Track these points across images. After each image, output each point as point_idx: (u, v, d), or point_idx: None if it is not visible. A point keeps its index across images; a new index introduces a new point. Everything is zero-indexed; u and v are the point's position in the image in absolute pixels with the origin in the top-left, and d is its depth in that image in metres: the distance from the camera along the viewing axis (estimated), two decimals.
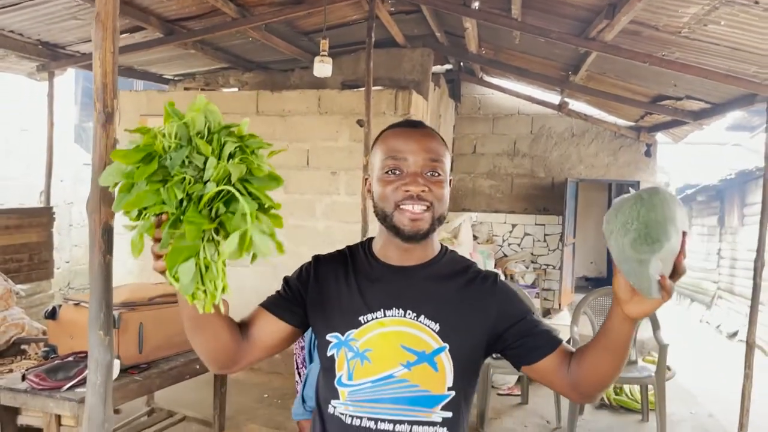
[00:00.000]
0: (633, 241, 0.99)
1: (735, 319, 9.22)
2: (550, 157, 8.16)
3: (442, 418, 1.23)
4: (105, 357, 1.69)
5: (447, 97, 7.79)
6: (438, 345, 1.23)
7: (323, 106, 5.70)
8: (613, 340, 1.13)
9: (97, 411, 1.67)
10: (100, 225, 1.65)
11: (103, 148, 1.64)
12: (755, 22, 3.31)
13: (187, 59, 6.16)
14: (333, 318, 1.27)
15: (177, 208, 0.95)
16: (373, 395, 1.22)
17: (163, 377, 3.12)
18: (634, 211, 1.01)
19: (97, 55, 1.65)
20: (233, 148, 0.99)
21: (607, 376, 1.19)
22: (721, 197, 10.74)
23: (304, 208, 5.78)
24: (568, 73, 6.12)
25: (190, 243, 0.94)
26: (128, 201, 0.96)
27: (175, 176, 0.96)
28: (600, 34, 4.20)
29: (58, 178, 6.32)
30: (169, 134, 0.97)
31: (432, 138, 1.28)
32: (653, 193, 1.02)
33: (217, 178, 0.96)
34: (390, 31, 5.54)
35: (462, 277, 1.32)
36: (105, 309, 1.68)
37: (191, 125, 0.98)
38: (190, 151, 0.97)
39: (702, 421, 5.01)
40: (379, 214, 1.27)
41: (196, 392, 4.42)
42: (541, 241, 8.24)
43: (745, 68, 4.13)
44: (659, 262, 0.98)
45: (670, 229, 0.99)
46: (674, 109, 6.02)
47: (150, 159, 0.96)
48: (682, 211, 1.03)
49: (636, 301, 1.04)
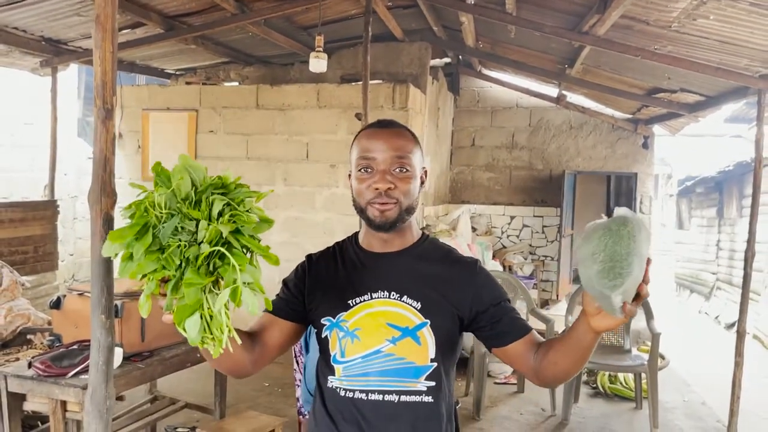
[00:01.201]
0: (599, 272, 1.06)
1: (733, 310, 9.28)
2: (548, 149, 8.22)
3: (427, 387, 1.35)
4: (107, 339, 1.79)
5: (446, 91, 7.85)
6: (420, 321, 1.35)
7: (322, 100, 5.77)
8: (576, 345, 1.24)
9: (100, 390, 1.77)
10: (101, 215, 1.75)
11: (103, 142, 1.73)
12: (743, 16, 3.37)
13: (188, 54, 6.24)
14: (325, 304, 1.41)
15: (177, 270, 1.03)
16: (363, 369, 1.35)
17: (165, 365, 3.20)
18: (602, 243, 1.07)
19: (97, 54, 1.73)
20: (221, 206, 1.05)
21: (565, 372, 1.31)
22: (720, 189, 10.78)
23: (303, 201, 5.86)
24: (565, 67, 6.18)
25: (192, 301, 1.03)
26: (131, 270, 1.03)
27: (171, 244, 1.03)
28: (592, 29, 4.26)
29: (61, 171, 6.41)
30: (158, 205, 1.04)
31: (400, 136, 1.39)
32: (622, 224, 1.07)
33: (209, 239, 1.04)
34: (388, 25, 5.61)
35: (442, 260, 1.44)
36: (106, 294, 1.78)
37: (178, 192, 1.05)
38: (180, 219, 1.04)
39: (695, 409, 5.09)
40: (356, 207, 1.41)
41: (197, 380, 4.52)
42: (540, 232, 8.31)
43: (736, 61, 4.19)
44: (620, 295, 1.06)
45: (633, 261, 1.05)
46: (669, 102, 6.08)
47: (145, 231, 1.03)
48: (647, 240, 1.09)
49: (601, 317, 1.13)
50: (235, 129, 6.00)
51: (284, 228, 5.85)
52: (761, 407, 5.16)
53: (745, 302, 4.42)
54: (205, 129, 6.07)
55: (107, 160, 1.73)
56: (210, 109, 6.06)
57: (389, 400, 1.33)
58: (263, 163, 5.94)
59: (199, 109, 6.07)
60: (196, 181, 1.07)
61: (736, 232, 9.98)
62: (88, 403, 1.75)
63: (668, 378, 5.59)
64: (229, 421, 3.48)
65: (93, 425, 1.82)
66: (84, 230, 8.32)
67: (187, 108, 6.09)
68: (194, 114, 6.07)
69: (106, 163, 1.74)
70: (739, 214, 9.85)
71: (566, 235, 8.11)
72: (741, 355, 4.38)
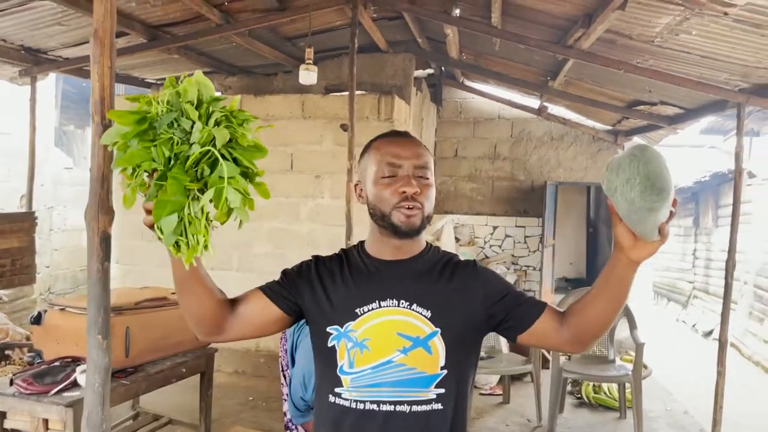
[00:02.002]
0: (641, 192, 1.12)
1: (710, 318, 9.42)
2: (530, 160, 8.28)
3: (436, 395, 1.34)
4: (103, 360, 1.75)
5: (429, 101, 7.88)
6: (431, 330, 1.34)
7: (307, 111, 5.75)
8: (616, 285, 1.25)
9: (96, 413, 1.72)
10: (98, 233, 1.71)
11: (101, 159, 1.69)
12: (725, 32, 3.44)
13: (170, 63, 6.18)
14: (331, 312, 1.38)
15: (165, 166, 1.04)
16: (374, 380, 1.33)
17: (150, 381, 3.15)
18: (633, 168, 1.13)
19: (95, 70, 1.70)
20: (219, 116, 1.08)
21: (608, 321, 1.31)
22: (696, 199, 10.98)
23: (288, 212, 5.82)
24: (547, 79, 6.24)
25: (173, 198, 1.03)
26: (122, 158, 1.05)
27: (163, 135, 1.05)
28: (577, 42, 4.32)
29: (38, 182, 6.29)
30: (162, 101, 1.06)
31: (419, 146, 1.43)
32: (644, 149, 1.15)
33: (202, 141, 1.05)
34: (373, 36, 5.61)
35: (447, 267, 1.44)
36: (103, 314, 1.74)
37: (183, 94, 1.07)
38: (178, 115, 1.06)
39: (677, 418, 5.15)
40: (376, 214, 1.40)
41: (181, 396, 4.45)
42: (522, 242, 8.36)
43: (716, 75, 4.27)
44: (668, 208, 1.13)
45: (668, 177, 1.13)
46: (649, 114, 6.17)
47: (143, 121, 1.05)
48: (664, 156, 1.16)
49: (639, 246, 1.17)
50: None
51: (268, 239, 5.81)
52: (741, 415, 5.24)
53: (726, 312, 4.48)
54: None
55: (105, 177, 1.70)
56: None
57: (401, 411, 1.32)
58: None
59: None
60: (203, 94, 1.09)
61: (712, 241, 10.16)
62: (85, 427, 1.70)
63: (650, 387, 5.65)
64: None
65: None
66: (61, 242, 8.19)
67: None
68: None
69: (104, 180, 1.70)
70: (715, 223, 10.03)
71: (548, 245, 8.17)
72: (723, 365, 4.44)
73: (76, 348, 2.99)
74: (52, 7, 4.15)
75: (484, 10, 4.54)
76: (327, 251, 5.77)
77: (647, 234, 1.14)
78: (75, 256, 8.35)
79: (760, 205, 8.16)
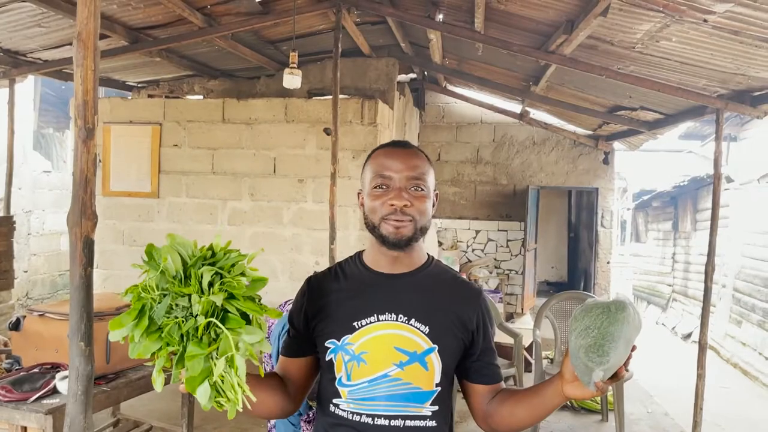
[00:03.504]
0: (588, 347, 1.13)
1: (689, 321, 9.56)
2: (512, 164, 8.34)
3: (431, 412, 1.35)
4: (86, 367, 1.71)
5: (412, 106, 7.91)
6: (428, 346, 1.34)
7: (290, 115, 5.73)
8: (541, 403, 1.30)
9: (78, 421, 1.69)
10: (81, 238, 1.68)
11: (84, 163, 1.66)
12: (704, 39, 3.49)
13: (151, 66, 6.12)
14: (329, 326, 1.38)
15: (180, 344, 1.08)
16: (370, 393, 1.33)
17: (131, 387, 3.10)
18: (598, 320, 1.14)
19: (78, 73, 1.67)
20: (210, 276, 1.10)
21: (518, 425, 1.36)
22: (675, 203, 11.13)
23: (271, 216, 5.79)
24: (529, 84, 6.30)
25: (198, 371, 1.07)
26: (137, 351, 1.09)
27: (165, 324, 1.08)
28: (559, 48, 4.36)
29: (16, 185, 6.19)
30: (150, 287, 1.09)
31: (415, 156, 1.40)
32: (621, 308, 1.14)
33: (203, 311, 1.08)
34: (356, 41, 5.62)
35: (448, 284, 1.44)
36: (86, 320, 1.71)
37: (166, 271, 1.09)
38: (172, 298, 1.09)
39: (658, 420, 5.20)
40: (369, 225, 1.40)
41: (161, 400, 4.40)
42: (504, 246, 8.41)
43: (696, 81, 4.34)
44: (602, 372, 1.12)
45: (620, 346, 1.12)
46: (630, 119, 6.25)
47: (142, 315, 1.08)
48: (638, 329, 1.16)
49: (575, 386, 1.20)
50: (200, 143, 5.90)
51: (251, 244, 5.77)
52: (720, 416, 5.31)
53: (706, 315, 4.53)
54: (169, 143, 5.95)
55: (88, 182, 1.67)
56: (174, 122, 5.95)
57: (395, 425, 1.33)
58: (229, 178, 5.85)
59: (163, 123, 5.96)
60: (185, 257, 1.11)
61: (690, 245, 10.31)
62: None
63: (631, 390, 5.70)
64: None
65: None
66: (39, 246, 8.05)
67: (150, 121, 5.96)
68: (158, 128, 5.94)
69: (87, 184, 1.67)
70: (693, 227, 10.18)
71: (530, 249, 8.22)
72: (703, 367, 4.49)
73: (56, 354, 2.94)
74: (32, 8, 4.09)
75: (468, 15, 4.57)
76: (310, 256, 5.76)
77: (583, 380, 1.15)
78: (53, 261, 8.22)
79: (738, 210, 8.30)
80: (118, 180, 5.95)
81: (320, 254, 5.60)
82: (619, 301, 1.16)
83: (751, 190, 7.89)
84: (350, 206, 5.57)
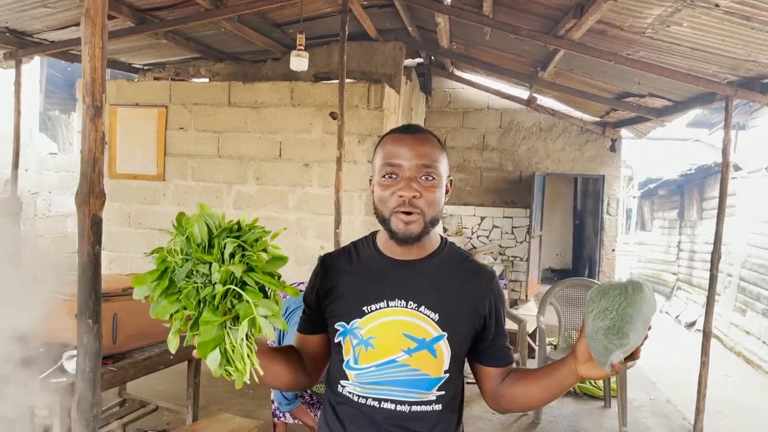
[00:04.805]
0: (607, 328, 1.12)
1: (693, 310, 9.55)
2: (518, 151, 8.31)
3: (437, 396, 1.35)
4: (94, 344, 1.73)
5: (418, 91, 7.87)
6: (437, 333, 1.33)
7: (296, 98, 5.71)
8: (554, 383, 1.28)
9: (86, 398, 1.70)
10: (89, 216, 1.68)
11: (92, 141, 1.66)
12: (716, 24, 3.45)
13: (157, 48, 6.10)
14: (339, 308, 1.37)
15: (196, 310, 1.12)
16: (377, 378, 1.33)
17: (137, 367, 3.12)
18: (616, 302, 1.13)
19: (86, 50, 1.66)
20: (233, 248, 1.13)
21: (530, 405, 1.37)
22: (681, 192, 11.07)
23: (276, 200, 5.80)
24: (537, 70, 6.25)
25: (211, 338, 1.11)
26: (156, 311, 1.13)
27: (185, 287, 1.12)
28: (568, 33, 4.32)
29: (22, 167, 6.20)
30: (175, 251, 1.13)
31: (426, 142, 1.34)
32: (638, 289, 1.14)
33: (221, 280, 1.11)
34: (363, 24, 5.58)
35: (461, 270, 1.41)
36: (94, 298, 1.72)
37: (192, 238, 1.13)
38: (193, 263, 1.12)
39: (661, 406, 5.21)
40: (378, 216, 1.35)
41: (167, 382, 4.43)
42: (509, 233, 8.40)
43: (706, 68, 4.29)
44: (621, 354, 1.12)
45: (639, 327, 1.12)
46: (638, 106, 6.21)
47: (162, 276, 1.13)
48: (653, 309, 1.16)
49: (589, 366, 1.18)
50: (206, 126, 5.90)
51: None
52: (722, 404, 5.32)
53: (711, 303, 4.53)
54: (175, 126, 5.95)
55: (96, 160, 1.67)
56: (180, 105, 5.94)
57: (401, 410, 1.33)
58: (235, 161, 5.85)
59: (169, 106, 5.95)
60: (212, 227, 1.14)
61: (696, 234, 10.27)
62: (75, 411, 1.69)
63: (635, 376, 5.71)
64: (203, 423, 3.41)
65: None
66: (45, 228, 8.09)
67: (156, 104, 5.96)
68: (164, 110, 5.94)
69: (95, 163, 1.67)
70: (700, 216, 10.13)
71: (535, 236, 8.21)
72: (707, 355, 4.50)
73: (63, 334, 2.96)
74: None
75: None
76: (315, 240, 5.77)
77: (600, 361, 1.15)
78: (60, 243, 8.27)
79: (745, 198, 8.26)
80: (124, 162, 5.96)
81: (325, 239, 5.60)
82: (636, 282, 1.16)
83: (759, 178, 7.84)
84: (355, 191, 5.57)
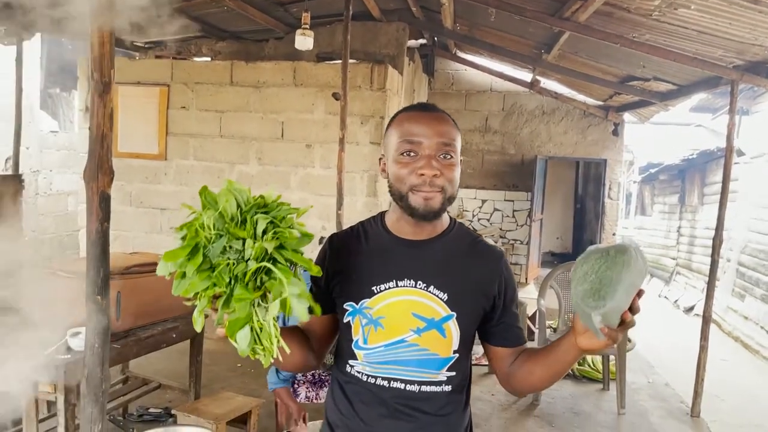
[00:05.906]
0: (585, 292, 1.11)
1: (692, 294, 9.59)
2: (521, 134, 8.29)
3: (447, 377, 1.36)
4: (102, 321, 1.74)
5: (421, 72, 7.82)
6: (446, 313, 1.33)
7: (299, 78, 5.68)
8: (556, 359, 1.27)
9: (95, 373, 1.72)
10: (98, 193, 1.68)
11: (101, 117, 1.65)
12: (724, 7, 3.43)
13: (159, 26, 6.04)
14: (348, 288, 1.37)
15: (227, 287, 1.10)
16: (386, 357, 1.33)
17: (140, 345, 3.15)
18: (596, 265, 1.12)
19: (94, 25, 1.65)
20: (265, 224, 1.12)
21: (537, 384, 1.36)
22: (682, 177, 11.06)
23: (278, 180, 5.79)
24: (541, 52, 6.21)
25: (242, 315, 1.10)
26: (184, 288, 1.10)
27: (219, 263, 1.10)
28: (574, 14, 4.28)
29: (23, 145, 6.18)
30: (207, 226, 1.11)
31: (445, 122, 1.34)
32: (621, 251, 1.10)
33: (255, 256, 1.10)
34: (367, 4, 5.53)
35: (470, 250, 1.41)
36: (102, 275, 1.73)
37: (225, 214, 1.12)
38: (228, 239, 1.11)
39: (659, 390, 5.26)
40: (395, 194, 1.34)
41: (169, 360, 4.46)
42: (510, 216, 8.41)
43: (712, 51, 4.27)
44: (599, 317, 1.09)
45: (619, 289, 1.08)
46: (642, 90, 6.17)
47: (195, 251, 1.10)
48: (642, 273, 1.10)
49: (587, 337, 1.16)
50: (208, 106, 5.87)
51: None
52: (719, 388, 5.36)
53: (711, 288, 4.55)
54: (177, 105, 5.92)
55: (104, 137, 1.66)
56: (182, 84, 5.90)
57: (410, 390, 1.34)
58: (237, 141, 5.83)
59: (171, 85, 5.91)
60: (241, 202, 1.13)
61: (696, 219, 10.28)
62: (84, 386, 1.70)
63: (633, 360, 5.75)
64: (205, 401, 3.44)
65: (89, 409, 1.78)
66: (46, 206, 8.09)
67: (158, 83, 5.92)
68: (165, 89, 5.90)
69: (104, 140, 1.66)
70: (700, 201, 10.13)
71: (536, 220, 8.22)
72: (706, 339, 4.53)
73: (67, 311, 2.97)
74: None
75: None
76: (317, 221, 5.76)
77: (591, 328, 1.12)
78: (61, 221, 8.27)
79: (746, 184, 8.25)
80: (126, 141, 5.94)
81: (327, 219, 5.60)
82: (621, 244, 1.13)
83: (761, 164, 7.83)
84: (357, 172, 5.56)
